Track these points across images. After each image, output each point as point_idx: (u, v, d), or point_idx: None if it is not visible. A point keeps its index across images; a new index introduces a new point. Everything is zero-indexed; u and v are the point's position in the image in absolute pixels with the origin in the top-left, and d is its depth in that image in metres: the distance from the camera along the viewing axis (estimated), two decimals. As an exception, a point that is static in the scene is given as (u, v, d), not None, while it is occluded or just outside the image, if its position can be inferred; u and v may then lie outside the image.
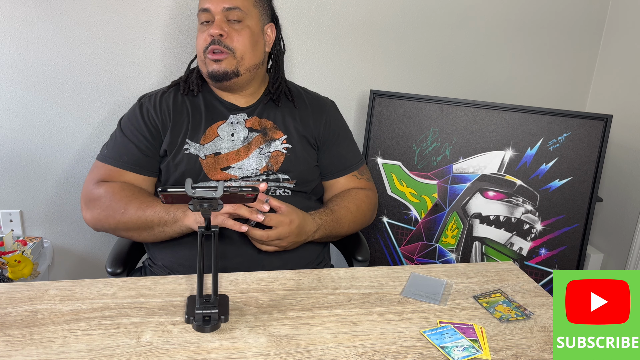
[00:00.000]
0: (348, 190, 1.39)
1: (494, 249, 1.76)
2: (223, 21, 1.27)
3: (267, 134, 1.33)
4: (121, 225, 1.22)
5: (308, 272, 1.10)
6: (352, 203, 1.34)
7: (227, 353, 0.83)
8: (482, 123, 1.72)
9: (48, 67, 1.61)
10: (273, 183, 1.30)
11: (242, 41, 1.28)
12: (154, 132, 1.30)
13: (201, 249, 0.90)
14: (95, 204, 1.25)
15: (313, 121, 1.37)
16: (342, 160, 1.41)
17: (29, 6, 1.55)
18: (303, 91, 1.45)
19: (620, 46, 1.98)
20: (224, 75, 1.28)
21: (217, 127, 1.31)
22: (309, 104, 1.40)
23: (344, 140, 1.43)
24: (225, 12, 1.27)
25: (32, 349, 0.81)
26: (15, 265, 1.52)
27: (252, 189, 0.90)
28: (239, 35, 1.28)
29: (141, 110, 1.32)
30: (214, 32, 1.25)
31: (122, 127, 1.33)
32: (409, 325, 0.93)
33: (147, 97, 1.36)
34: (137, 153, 1.29)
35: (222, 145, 1.30)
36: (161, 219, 1.18)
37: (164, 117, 1.31)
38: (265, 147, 1.31)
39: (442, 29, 1.89)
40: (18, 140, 1.66)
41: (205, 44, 1.28)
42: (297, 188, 1.32)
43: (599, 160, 1.66)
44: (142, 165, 1.30)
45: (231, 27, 1.28)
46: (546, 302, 1.04)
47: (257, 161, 1.30)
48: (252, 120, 1.34)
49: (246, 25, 1.29)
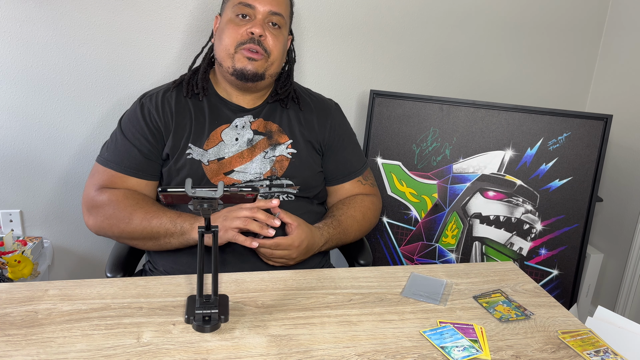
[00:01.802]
0: (354, 197, 1.37)
1: (494, 249, 1.76)
2: (265, 22, 1.25)
3: (272, 137, 1.31)
4: (125, 234, 1.20)
5: (308, 272, 1.10)
6: (358, 211, 1.33)
7: (227, 353, 0.83)
8: (482, 123, 1.72)
9: (48, 67, 1.61)
10: (277, 188, 1.28)
11: (278, 47, 1.27)
12: (156, 134, 1.27)
13: (201, 249, 0.90)
14: (98, 211, 1.22)
15: (318, 125, 1.35)
16: (347, 166, 1.39)
17: (29, 6, 1.55)
18: (308, 93, 1.42)
19: (620, 46, 1.98)
20: (254, 76, 1.25)
21: (221, 132, 1.28)
22: (314, 108, 1.38)
23: (349, 145, 1.41)
24: (270, 15, 1.25)
25: (32, 349, 0.81)
26: (15, 265, 1.52)
27: (252, 189, 0.90)
28: (276, 40, 1.26)
29: (142, 111, 1.29)
30: (257, 31, 1.22)
31: (123, 128, 1.30)
32: (409, 325, 0.93)
33: (148, 96, 1.32)
34: (139, 157, 1.26)
35: (226, 150, 1.27)
36: (167, 230, 1.16)
37: (167, 119, 1.28)
38: (270, 151, 1.29)
39: (442, 29, 1.89)
40: (18, 140, 1.66)
41: (242, 39, 1.24)
42: (301, 193, 1.31)
43: (599, 160, 1.66)
44: (144, 170, 1.27)
45: (270, 30, 1.26)
46: (546, 302, 1.04)
47: (261, 165, 1.28)
48: (257, 123, 1.31)
49: (282, 33, 1.29)
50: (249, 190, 0.90)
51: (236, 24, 1.25)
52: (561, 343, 0.91)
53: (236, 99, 1.32)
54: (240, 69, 1.24)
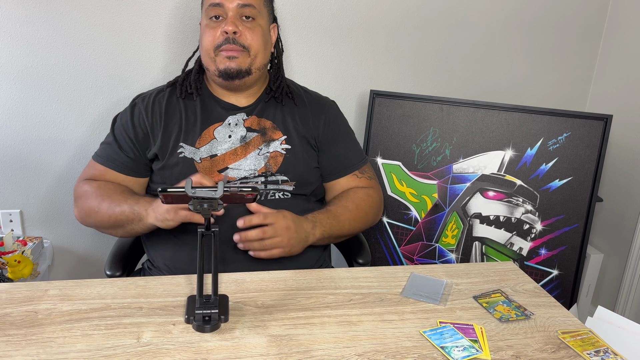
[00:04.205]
0: (346, 190, 1.37)
1: (494, 249, 1.76)
2: (237, 18, 1.24)
3: (266, 134, 1.31)
4: (97, 223, 1.25)
5: (308, 272, 1.10)
6: (350, 202, 1.32)
7: (227, 353, 0.83)
8: (482, 123, 1.72)
9: (48, 67, 1.61)
10: (272, 185, 1.28)
11: (256, 39, 1.26)
12: (141, 136, 1.29)
13: (201, 249, 0.90)
14: (78, 202, 1.28)
15: (312, 121, 1.35)
16: (342, 161, 1.39)
17: (29, 6, 1.55)
18: (303, 90, 1.42)
19: (620, 46, 1.98)
20: (237, 73, 1.25)
21: (214, 130, 1.29)
22: (309, 104, 1.38)
23: (344, 140, 1.41)
24: (240, 8, 1.24)
25: (32, 349, 0.81)
26: (15, 265, 1.52)
27: (252, 189, 0.90)
28: (252, 33, 1.25)
29: (132, 112, 1.31)
30: (229, 29, 1.22)
31: (115, 127, 1.34)
32: (409, 325, 0.93)
33: (141, 97, 1.34)
34: (124, 157, 1.29)
35: (219, 147, 1.28)
36: (128, 217, 1.19)
37: (155, 120, 1.29)
38: (264, 148, 1.29)
39: (442, 29, 1.89)
40: (18, 140, 1.66)
41: (217, 41, 1.24)
42: (297, 190, 1.30)
43: (598, 161, 1.66)
44: (130, 168, 1.30)
45: (244, 24, 1.25)
46: (546, 302, 1.04)
47: (255, 162, 1.28)
48: (250, 120, 1.31)
49: (258, 24, 1.27)
50: (249, 190, 0.90)
51: (211, 27, 1.25)
52: (561, 343, 0.91)
53: (229, 98, 1.33)
54: (224, 70, 1.25)
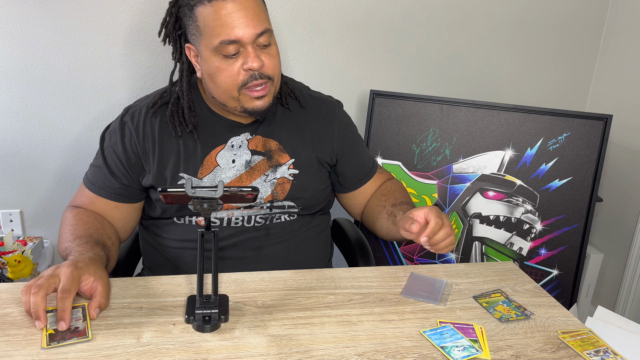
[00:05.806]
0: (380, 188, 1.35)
1: (494, 249, 1.76)
2: (256, 49, 1.08)
3: (273, 157, 1.20)
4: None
5: (308, 272, 1.10)
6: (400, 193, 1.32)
7: (227, 353, 0.83)
8: (482, 123, 1.72)
9: (48, 67, 1.61)
10: (278, 210, 1.21)
11: (276, 64, 1.13)
12: (133, 160, 1.17)
13: (201, 249, 0.90)
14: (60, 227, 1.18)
15: (325, 134, 1.26)
16: (363, 168, 1.34)
17: (29, 6, 1.55)
18: (307, 94, 1.30)
19: (620, 46, 1.98)
20: (267, 111, 1.14)
21: (216, 155, 1.18)
22: (317, 113, 1.27)
23: (359, 144, 1.35)
24: (257, 39, 1.08)
25: (32, 349, 0.81)
26: (15, 265, 1.52)
27: (252, 189, 0.90)
28: (273, 59, 1.11)
29: (122, 133, 1.17)
30: (255, 67, 1.07)
31: (104, 147, 1.20)
32: (409, 325, 0.93)
33: (131, 114, 1.19)
34: (116, 184, 1.17)
35: (222, 175, 1.18)
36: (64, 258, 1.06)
37: (147, 145, 1.16)
38: (270, 174, 1.20)
39: (442, 29, 1.89)
40: (18, 140, 1.66)
41: (243, 79, 1.08)
42: (303, 212, 1.25)
43: (598, 160, 1.66)
44: (123, 195, 1.19)
45: (264, 53, 1.10)
46: (546, 302, 1.04)
47: (261, 189, 1.19)
48: (255, 141, 1.20)
49: (274, 46, 1.13)
50: (249, 190, 0.90)
51: (228, 64, 1.08)
52: (561, 343, 0.91)
53: (230, 115, 1.20)
54: (252, 109, 1.12)
